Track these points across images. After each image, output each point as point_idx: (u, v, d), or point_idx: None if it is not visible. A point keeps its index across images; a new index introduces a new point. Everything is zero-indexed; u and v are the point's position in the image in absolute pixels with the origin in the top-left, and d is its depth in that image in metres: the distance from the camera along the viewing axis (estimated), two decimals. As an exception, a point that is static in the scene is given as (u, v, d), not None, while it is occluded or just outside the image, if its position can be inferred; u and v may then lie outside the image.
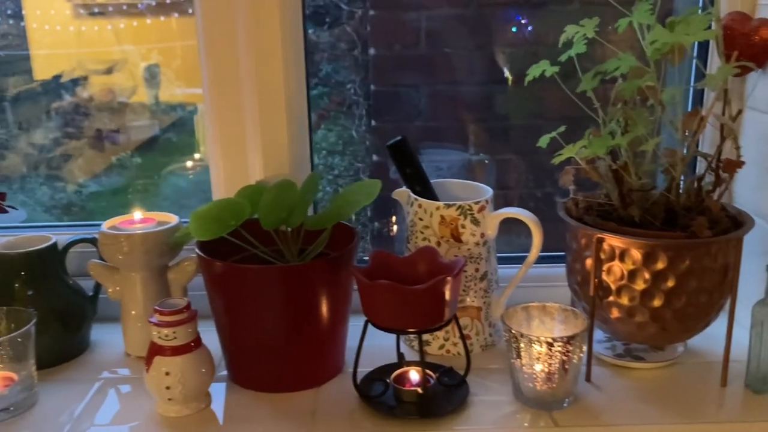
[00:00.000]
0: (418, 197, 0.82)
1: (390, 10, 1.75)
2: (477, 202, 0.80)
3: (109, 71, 2.74)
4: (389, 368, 0.78)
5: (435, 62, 1.71)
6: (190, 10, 2.84)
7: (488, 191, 0.84)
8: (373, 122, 1.90)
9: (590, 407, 0.73)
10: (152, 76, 2.82)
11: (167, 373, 0.71)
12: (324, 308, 0.76)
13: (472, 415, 0.72)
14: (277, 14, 0.84)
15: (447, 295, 0.70)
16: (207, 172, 0.93)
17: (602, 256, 0.74)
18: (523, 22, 1.57)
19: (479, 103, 1.69)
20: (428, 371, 0.75)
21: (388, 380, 0.75)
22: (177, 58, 2.78)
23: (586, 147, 0.76)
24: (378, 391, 0.75)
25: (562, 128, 0.81)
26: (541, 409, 0.72)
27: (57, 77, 2.19)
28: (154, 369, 0.72)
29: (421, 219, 0.81)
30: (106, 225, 0.84)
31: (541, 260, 0.84)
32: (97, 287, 0.88)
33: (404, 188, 0.86)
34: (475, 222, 0.80)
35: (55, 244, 0.83)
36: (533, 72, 0.82)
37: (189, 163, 1.83)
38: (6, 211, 0.80)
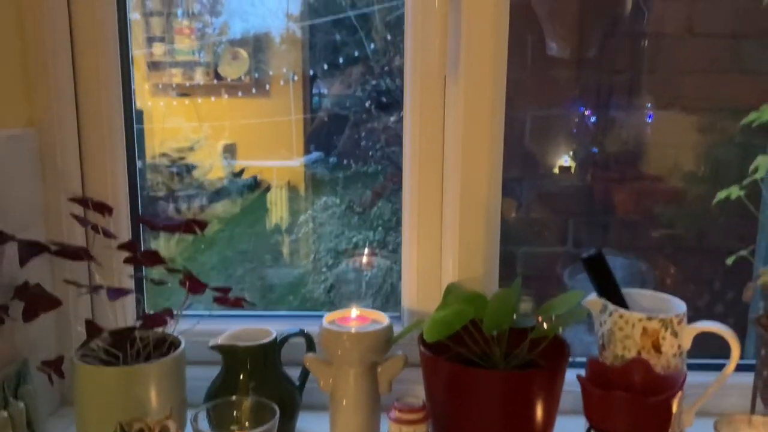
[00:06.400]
0: (619, 308, 0.88)
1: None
2: (677, 315, 0.86)
3: (191, 149, 2.87)
4: (596, 471, 0.83)
5: (533, 156, 1.79)
6: (254, 90, 2.94)
7: (680, 304, 0.90)
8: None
9: None
10: (230, 155, 2.94)
11: (407, 469, 0.76)
12: (539, 413, 0.81)
13: None
14: (487, 120, 0.93)
15: (674, 408, 0.75)
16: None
17: (807, 375, 0.79)
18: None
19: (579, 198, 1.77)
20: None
21: (604, 484, 0.80)
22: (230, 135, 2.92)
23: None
24: (595, 494, 0.79)
25: (751, 248, 0.88)
26: None
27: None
28: (395, 464, 0.77)
29: (621, 329, 0.87)
30: (326, 320, 0.90)
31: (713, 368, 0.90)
32: (304, 377, 0.94)
33: (595, 297, 0.92)
34: (675, 334, 0.86)
35: (276, 338, 0.89)
36: (719, 196, 0.91)
37: (365, 259, 1.89)
38: (242, 305, 0.86)
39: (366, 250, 2.51)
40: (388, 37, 2.58)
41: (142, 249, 0.89)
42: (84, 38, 0.93)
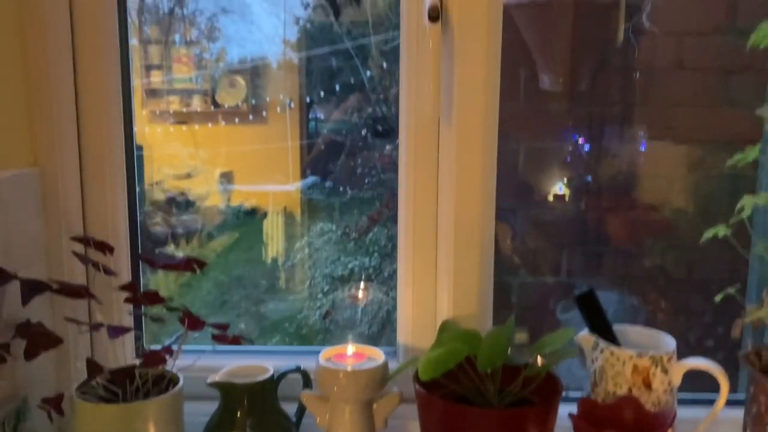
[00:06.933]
0: (610, 345, 0.90)
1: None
2: (667, 353, 0.88)
3: (188, 176, 2.89)
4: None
5: (527, 191, 1.82)
6: (251, 117, 2.96)
7: (671, 340, 0.92)
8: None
9: None
10: (227, 182, 2.97)
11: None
12: (532, 448, 0.83)
13: None
14: (479, 162, 0.95)
15: (665, 446, 0.77)
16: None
17: (795, 412, 0.81)
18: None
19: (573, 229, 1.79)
20: None
21: None
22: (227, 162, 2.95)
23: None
24: None
25: (738, 285, 0.91)
26: None
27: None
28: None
29: (612, 366, 0.89)
30: (322, 357, 0.91)
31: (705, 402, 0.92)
32: (301, 413, 0.95)
33: (587, 334, 0.94)
34: (665, 371, 0.88)
35: (273, 375, 0.90)
36: (707, 234, 0.93)
37: (360, 294, 1.91)
38: (240, 343, 0.87)
39: (361, 284, 2.52)
40: (384, 65, 2.61)
41: (142, 289, 0.90)
42: (87, 80, 0.95)
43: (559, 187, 1.82)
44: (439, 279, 0.99)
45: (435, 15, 0.86)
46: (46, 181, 0.93)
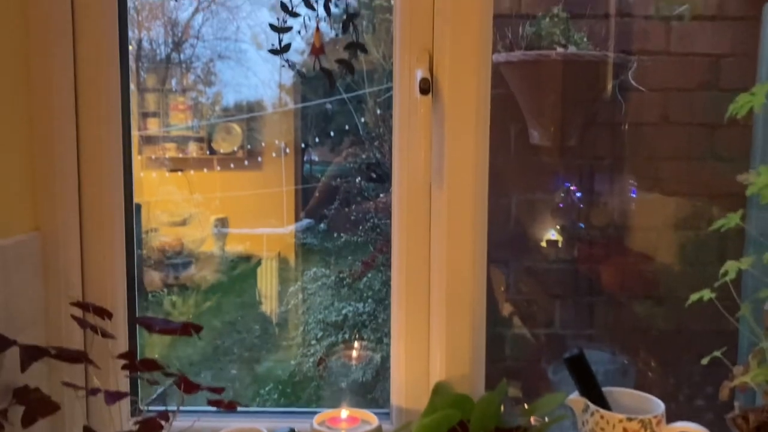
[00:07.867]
0: (600, 409, 0.91)
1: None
2: (655, 416, 0.90)
3: (183, 223, 2.91)
4: None
5: (519, 242, 1.85)
6: (246, 162, 2.98)
7: (659, 404, 0.93)
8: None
9: None
10: (221, 226, 2.98)
11: None
12: None
13: None
14: (470, 226, 0.97)
15: None
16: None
17: (782, 478, 0.82)
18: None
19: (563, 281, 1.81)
20: None
21: None
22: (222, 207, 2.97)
23: (756, 374, 0.87)
24: None
25: (724, 348, 0.93)
26: None
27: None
28: None
29: (602, 429, 0.90)
30: (316, 421, 0.92)
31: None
32: (290, 475, 0.96)
33: (577, 396, 0.95)
34: (654, 435, 0.89)
35: (265, 438, 0.91)
36: (692, 297, 0.95)
37: (354, 353, 1.92)
38: (235, 408, 0.88)
39: (355, 344, 2.53)
40: (378, 112, 2.66)
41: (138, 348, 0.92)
42: (89, 146, 0.98)
43: (552, 234, 1.84)
44: (432, 341, 1.00)
45: (426, 88, 0.90)
46: (46, 246, 0.95)
